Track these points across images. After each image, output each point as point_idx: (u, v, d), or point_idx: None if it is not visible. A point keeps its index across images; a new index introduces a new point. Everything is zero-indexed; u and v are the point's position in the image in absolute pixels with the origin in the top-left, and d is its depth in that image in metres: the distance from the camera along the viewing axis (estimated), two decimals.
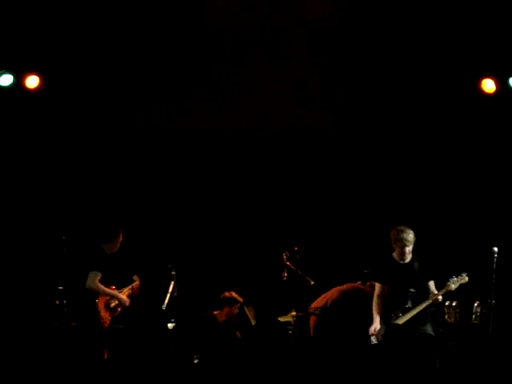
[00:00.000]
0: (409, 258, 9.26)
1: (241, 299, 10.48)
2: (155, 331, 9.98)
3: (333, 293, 10.24)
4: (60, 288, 9.90)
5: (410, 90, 11.52)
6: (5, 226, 11.19)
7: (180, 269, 10.26)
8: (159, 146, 11.77)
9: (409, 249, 9.22)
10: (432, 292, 9.13)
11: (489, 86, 11.06)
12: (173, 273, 10.15)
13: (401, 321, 9.01)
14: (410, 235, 9.18)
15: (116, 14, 11.10)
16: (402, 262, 9.27)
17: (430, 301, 9.06)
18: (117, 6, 11.08)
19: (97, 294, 9.31)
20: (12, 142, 11.32)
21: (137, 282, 9.81)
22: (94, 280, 9.28)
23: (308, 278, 10.31)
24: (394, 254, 9.29)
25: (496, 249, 9.41)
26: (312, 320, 10.25)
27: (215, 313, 10.49)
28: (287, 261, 10.31)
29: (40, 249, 11.13)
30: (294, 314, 10.15)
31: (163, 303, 9.95)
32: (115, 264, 9.58)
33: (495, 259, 9.38)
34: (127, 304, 9.53)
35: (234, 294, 10.45)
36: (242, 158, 11.88)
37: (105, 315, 9.37)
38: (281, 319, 10.45)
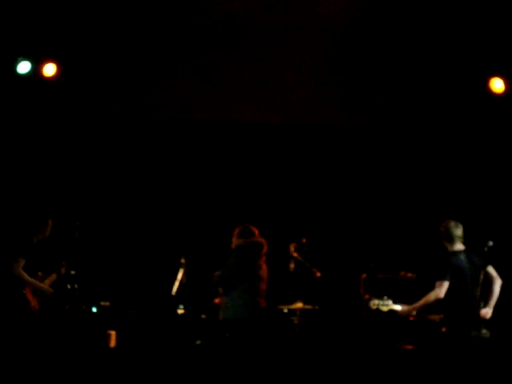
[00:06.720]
0: None
1: None
2: (164, 317, 10.12)
3: None
4: (72, 272, 10.10)
5: (417, 88, 11.64)
6: (19, 210, 11.37)
7: (190, 257, 10.46)
8: (171, 137, 11.95)
9: None
10: None
11: (497, 85, 11.19)
12: (182, 261, 10.34)
13: None
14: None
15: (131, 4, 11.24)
16: None
17: None
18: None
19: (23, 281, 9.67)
20: (28, 129, 11.51)
21: (63, 268, 10.16)
22: (18, 266, 9.64)
23: (314, 270, 10.47)
24: None
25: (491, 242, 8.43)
26: None
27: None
28: (294, 252, 10.48)
29: (53, 234, 11.31)
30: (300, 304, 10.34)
31: (172, 290, 10.16)
32: (42, 251, 9.94)
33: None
34: (49, 293, 9.87)
35: None
36: (254, 151, 12.05)
37: (33, 300, 9.75)
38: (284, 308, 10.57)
